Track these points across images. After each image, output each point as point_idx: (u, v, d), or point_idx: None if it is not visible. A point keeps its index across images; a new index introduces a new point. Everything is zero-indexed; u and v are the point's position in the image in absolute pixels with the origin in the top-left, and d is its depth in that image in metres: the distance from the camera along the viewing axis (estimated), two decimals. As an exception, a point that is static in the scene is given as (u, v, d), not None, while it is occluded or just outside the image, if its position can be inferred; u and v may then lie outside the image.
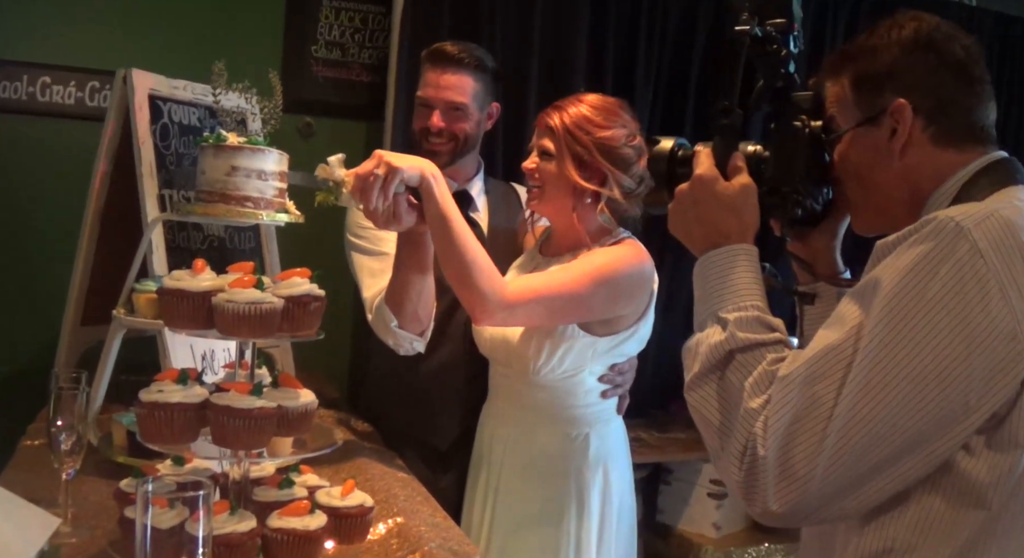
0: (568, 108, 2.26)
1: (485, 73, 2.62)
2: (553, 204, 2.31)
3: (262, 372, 1.67)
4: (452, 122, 2.58)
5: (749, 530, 3.22)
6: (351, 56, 3.48)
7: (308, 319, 1.59)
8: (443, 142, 2.59)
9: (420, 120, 2.61)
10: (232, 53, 2.25)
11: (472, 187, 2.71)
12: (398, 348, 2.36)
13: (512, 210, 2.74)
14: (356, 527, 1.64)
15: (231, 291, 1.50)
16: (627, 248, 2.27)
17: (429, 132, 2.58)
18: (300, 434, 1.64)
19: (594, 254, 2.23)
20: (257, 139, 1.90)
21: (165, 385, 1.53)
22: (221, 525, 1.43)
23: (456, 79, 2.56)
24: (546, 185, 2.28)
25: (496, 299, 2.07)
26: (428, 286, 2.27)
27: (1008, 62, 4.35)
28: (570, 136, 2.23)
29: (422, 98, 2.60)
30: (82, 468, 1.85)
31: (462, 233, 2.03)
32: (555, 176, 2.26)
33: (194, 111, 2.61)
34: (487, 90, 2.65)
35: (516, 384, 2.36)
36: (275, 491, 1.62)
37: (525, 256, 2.51)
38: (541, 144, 2.29)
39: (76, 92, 3.12)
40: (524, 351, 2.27)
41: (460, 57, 2.56)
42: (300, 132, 3.36)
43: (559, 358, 2.26)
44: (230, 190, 1.85)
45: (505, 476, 2.37)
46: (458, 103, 2.57)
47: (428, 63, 2.60)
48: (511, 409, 2.38)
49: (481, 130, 2.69)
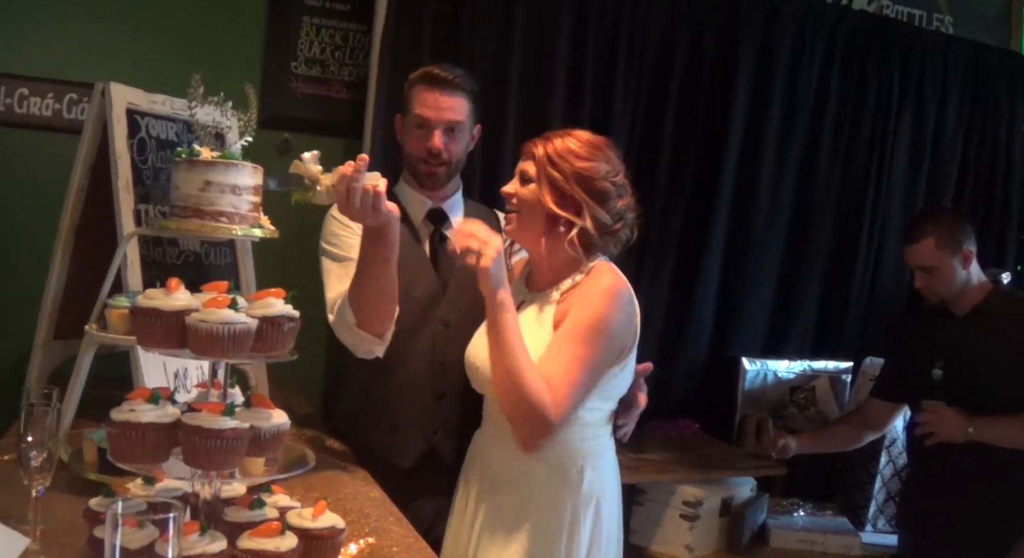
0: (554, 139, 2.29)
1: (474, 95, 2.69)
2: (527, 231, 2.33)
3: (235, 391, 1.66)
4: (450, 143, 2.63)
5: (721, 552, 3.22)
6: (331, 73, 3.48)
7: (282, 339, 1.58)
8: (439, 163, 2.64)
9: (417, 142, 2.65)
10: (212, 69, 2.24)
11: (448, 206, 2.73)
12: (356, 349, 2.42)
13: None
14: (327, 549, 1.63)
15: (205, 311, 1.49)
16: (606, 283, 2.25)
17: (429, 154, 2.63)
18: (272, 455, 1.63)
19: (580, 304, 2.22)
20: (231, 153, 1.89)
21: (137, 404, 1.52)
22: (191, 546, 1.42)
23: (454, 101, 2.62)
24: (522, 209, 2.31)
25: (550, 422, 2.12)
26: (390, 286, 2.32)
27: (982, 91, 4.38)
28: (550, 162, 2.26)
29: (420, 118, 2.62)
30: (53, 484, 1.82)
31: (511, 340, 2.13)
32: (531, 202, 2.28)
33: (172, 126, 2.61)
34: (476, 112, 2.72)
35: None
36: (246, 512, 1.61)
37: (512, 289, 2.47)
38: (522, 169, 2.32)
39: (54, 104, 3.11)
40: None
41: (457, 81, 2.63)
42: (278, 148, 3.35)
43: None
44: (204, 205, 1.84)
45: (494, 505, 2.34)
46: (457, 123, 2.63)
47: (423, 85, 2.63)
48: (505, 442, 2.32)
49: (467, 152, 2.75)
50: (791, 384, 3.89)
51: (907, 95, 4.18)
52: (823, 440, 3.53)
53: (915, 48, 4.18)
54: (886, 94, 4.13)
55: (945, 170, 4.32)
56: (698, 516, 3.10)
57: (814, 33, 3.97)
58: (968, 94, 4.35)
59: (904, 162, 4.21)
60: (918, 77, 4.19)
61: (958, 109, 4.32)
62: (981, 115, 4.40)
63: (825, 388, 3.91)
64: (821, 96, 4.02)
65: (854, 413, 3.58)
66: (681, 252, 3.81)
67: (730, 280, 3.90)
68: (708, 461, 3.34)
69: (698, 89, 3.79)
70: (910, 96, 4.18)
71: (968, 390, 3.08)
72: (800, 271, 4.05)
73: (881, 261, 4.20)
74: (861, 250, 4.14)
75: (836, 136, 4.07)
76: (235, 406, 1.53)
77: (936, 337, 3.22)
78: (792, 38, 3.92)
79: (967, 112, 4.36)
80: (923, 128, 4.23)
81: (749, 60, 3.83)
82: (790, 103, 3.95)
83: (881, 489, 3.64)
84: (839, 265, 4.14)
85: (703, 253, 3.83)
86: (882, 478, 3.63)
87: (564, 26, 3.52)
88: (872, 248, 4.17)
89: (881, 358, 3.65)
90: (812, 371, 3.93)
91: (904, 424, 3.51)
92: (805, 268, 4.06)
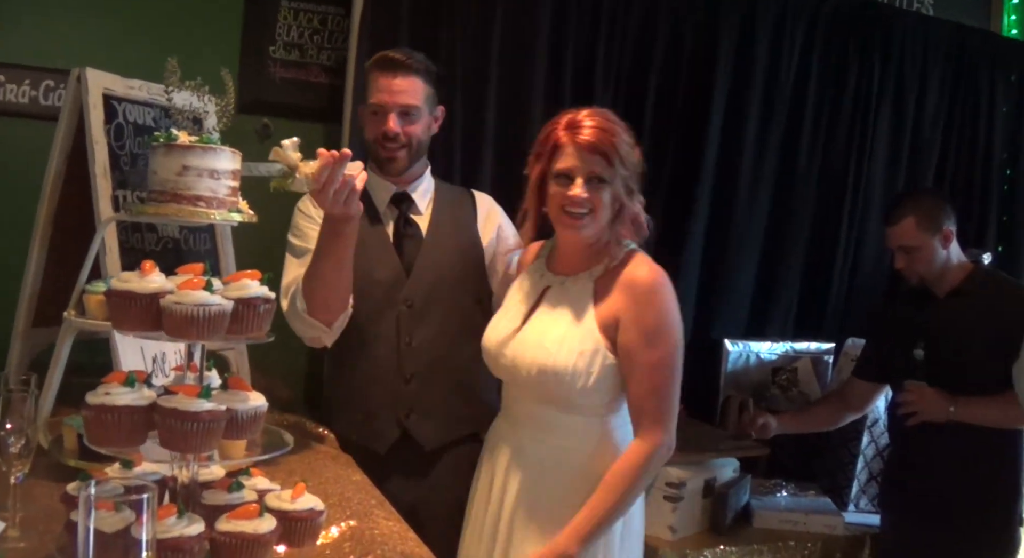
0: (601, 127, 2.25)
1: (431, 77, 2.67)
2: (596, 226, 2.28)
3: (211, 374, 1.65)
4: (406, 126, 2.62)
5: (705, 533, 3.22)
6: (310, 57, 3.47)
7: (258, 321, 1.58)
8: (398, 147, 2.63)
9: (373, 127, 2.65)
10: (190, 54, 2.24)
11: (414, 189, 2.72)
12: (304, 336, 2.48)
13: (462, 215, 2.76)
14: (307, 531, 1.63)
15: (179, 293, 1.49)
16: (655, 275, 2.27)
17: (385, 138, 2.61)
18: (250, 437, 1.63)
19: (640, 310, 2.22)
20: (209, 138, 1.88)
21: (112, 387, 1.51)
22: (169, 529, 1.42)
23: (408, 83, 2.60)
24: (597, 210, 2.25)
25: (669, 448, 2.23)
26: (344, 276, 2.37)
27: (963, 72, 4.39)
28: (620, 161, 2.24)
29: (375, 105, 2.63)
30: (33, 471, 1.83)
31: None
32: (606, 202, 2.25)
33: (149, 111, 2.59)
34: (434, 94, 2.70)
35: (543, 410, 2.32)
36: (224, 495, 1.61)
37: (530, 273, 2.46)
38: (592, 171, 2.23)
39: (30, 91, 3.09)
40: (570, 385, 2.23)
41: (409, 62, 2.61)
42: (258, 133, 3.34)
43: (603, 391, 2.26)
44: (181, 190, 1.83)
45: (527, 493, 2.31)
46: (411, 106, 2.61)
47: (377, 70, 2.63)
48: (531, 429, 2.34)
49: (430, 134, 2.73)
50: (773, 365, 3.90)
51: (888, 77, 4.18)
52: (804, 420, 3.55)
53: (895, 30, 4.18)
54: (867, 76, 4.13)
55: (926, 152, 4.33)
56: (681, 497, 3.10)
57: (795, 16, 3.97)
58: (949, 75, 4.35)
59: (885, 144, 4.22)
60: (899, 59, 4.19)
61: (939, 91, 4.32)
62: (962, 96, 4.41)
63: (807, 369, 3.92)
64: (802, 79, 4.02)
65: (835, 394, 3.60)
66: (663, 236, 3.81)
67: (712, 263, 3.91)
68: (691, 443, 3.34)
69: (679, 73, 3.79)
70: (891, 78, 4.19)
71: (949, 370, 3.10)
72: (782, 253, 4.06)
73: (862, 243, 4.21)
74: (842, 232, 4.15)
75: (817, 119, 4.08)
76: (211, 388, 1.52)
77: (917, 318, 3.23)
78: (773, 21, 3.92)
79: (948, 94, 4.36)
80: (904, 110, 4.23)
81: (729, 45, 3.83)
82: (771, 87, 3.95)
83: (863, 469, 3.66)
84: (821, 247, 4.15)
85: (685, 237, 3.83)
86: (864, 458, 3.65)
87: (544, 10, 3.51)
88: (853, 230, 4.18)
89: (863, 339, 3.66)
90: (794, 352, 3.94)
91: (886, 404, 3.52)
92: (787, 250, 4.07)
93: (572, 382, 2.22)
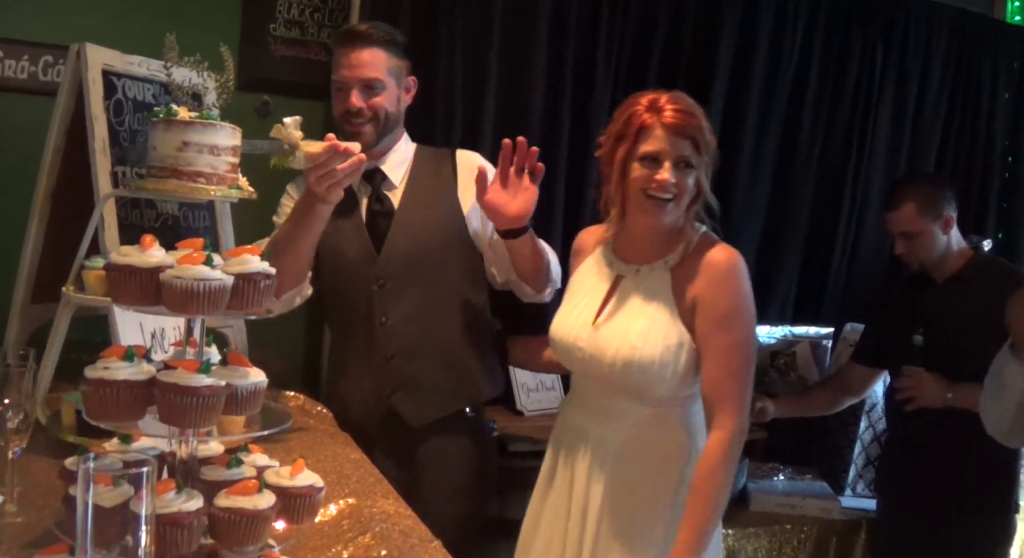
0: (687, 110, 2.18)
1: (395, 46, 2.58)
2: (677, 212, 2.23)
3: (211, 350, 1.65)
4: (370, 99, 2.54)
5: (702, 516, 3.24)
6: (310, 35, 3.44)
7: (258, 297, 1.57)
8: (363, 122, 2.55)
9: (339, 104, 2.57)
10: (190, 30, 2.24)
11: (384, 162, 2.64)
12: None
13: (440, 183, 2.66)
14: (305, 507, 1.62)
15: (179, 267, 1.48)
16: (732, 258, 2.22)
17: (349, 114, 2.54)
18: (249, 413, 1.63)
19: (717, 292, 2.18)
20: (209, 114, 1.88)
21: (111, 362, 1.50)
22: (167, 504, 1.41)
23: (368, 55, 2.52)
24: (681, 195, 2.19)
25: (744, 432, 2.17)
26: (306, 252, 2.39)
27: (966, 57, 4.37)
28: (705, 145, 2.18)
29: (337, 81, 2.56)
30: (31, 447, 1.83)
31: None
32: (689, 187, 2.20)
33: (149, 87, 2.58)
34: (401, 64, 2.60)
35: (622, 402, 2.27)
36: (223, 470, 1.60)
37: (597, 262, 2.40)
38: (681, 155, 2.16)
39: (29, 66, 3.07)
40: (657, 377, 2.19)
41: (369, 33, 2.54)
42: (257, 111, 3.32)
43: (687, 382, 2.23)
44: (181, 165, 1.83)
45: (610, 481, 2.25)
46: (373, 79, 2.53)
47: (337, 45, 2.58)
48: (606, 418, 2.29)
49: (402, 106, 2.64)
50: (772, 349, 3.90)
51: (890, 63, 4.17)
52: (802, 404, 3.55)
53: (898, 15, 4.17)
54: (869, 61, 4.12)
55: (927, 138, 4.32)
56: (679, 480, 3.11)
57: (796, 15, 3.96)
58: (952, 61, 4.34)
59: (886, 129, 4.21)
60: (901, 44, 4.18)
61: (941, 76, 4.31)
62: (964, 83, 4.39)
63: (806, 353, 3.92)
64: (804, 62, 4.01)
65: (834, 378, 3.60)
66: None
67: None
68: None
69: (680, 55, 3.78)
70: (893, 63, 4.17)
71: (948, 356, 3.09)
72: (782, 238, 4.06)
73: (862, 228, 4.21)
74: (842, 217, 4.15)
75: (818, 103, 4.07)
76: (211, 364, 1.52)
77: (916, 303, 3.23)
78: (775, 4, 3.90)
79: (950, 79, 4.35)
80: (906, 95, 4.22)
81: (732, 27, 3.82)
82: (773, 70, 3.94)
83: (860, 454, 3.66)
84: (821, 232, 4.15)
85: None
86: (862, 443, 3.65)
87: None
88: (853, 215, 4.18)
89: (862, 324, 3.66)
90: (793, 336, 3.95)
91: (884, 389, 3.53)
92: (787, 235, 4.06)
93: (659, 374, 2.18)
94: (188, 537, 1.43)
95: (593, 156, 3.48)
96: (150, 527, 1.21)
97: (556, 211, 3.56)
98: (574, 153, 3.61)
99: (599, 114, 3.56)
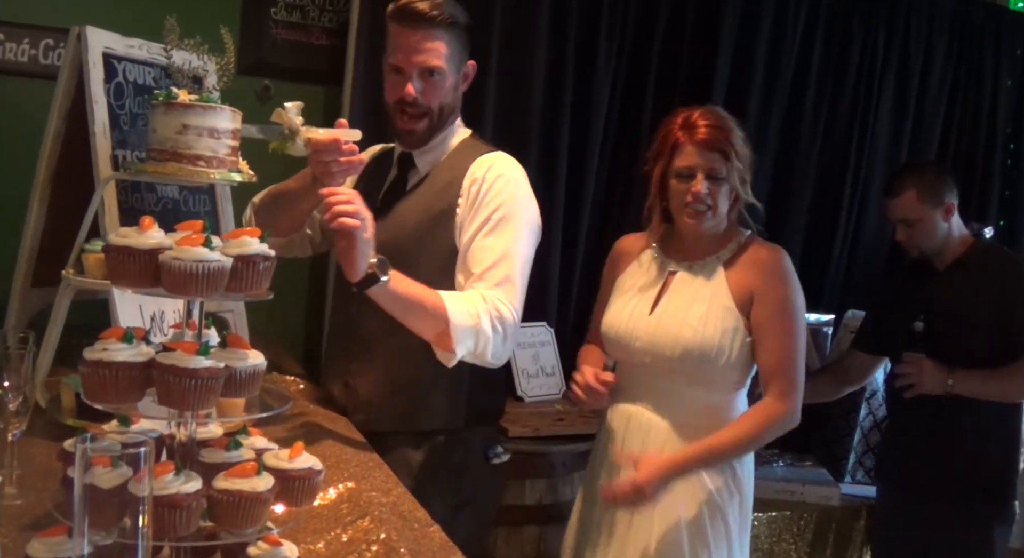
0: (717, 124, 2.39)
1: (459, 30, 2.36)
2: (719, 218, 2.42)
3: (210, 332, 1.64)
4: (427, 88, 2.34)
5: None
6: (311, 19, 3.44)
7: (257, 279, 1.56)
8: (418, 114, 2.36)
9: (393, 90, 2.37)
10: (190, 14, 2.23)
11: (419, 154, 2.46)
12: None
13: (451, 189, 2.39)
14: (304, 490, 1.62)
15: (178, 249, 1.47)
16: (779, 253, 2.48)
17: (404, 103, 2.34)
18: (248, 395, 1.62)
19: (772, 284, 2.41)
20: (210, 96, 1.87)
21: (110, 343, 1.50)
22: (166, 486, 1.41)
23: (431, 41, 2.30)
24: (716, 205, 2.40)
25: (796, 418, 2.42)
26: (299, 216, 2.44)
27: (968, 46, 4.36)
28: (736, 155, 2.38)
29: (393, 65, 2.35)
30: (31, 430, 1.83)
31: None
32: (724, 195, 2.40)
33: (150, 71, 2.57)
34: (463, 49, 2.40)
35: (679, 388, 2.43)
36: (222, 452, 1.60)
37: (646, 262, 2.56)
38: (712, 168, 2.37)
39: (30, 49, 3.07)
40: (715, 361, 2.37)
41: (432, 15, 2.29)
42: (258, 95, 3.33)
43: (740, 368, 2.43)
44: (181, 149, 1.82)
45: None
46: (433, 67, 2.32)
47: (396, 24, 2.33)
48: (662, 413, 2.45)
49: (459, 95, 2.46)
50: (773, 336, 3.89)
51: (892, 49, 4.16)
52: (803, 391, 3.54)
53: (900, 2, 4.15)
54: (871, 49, 4.12)
55: (929, 125, 4.32)
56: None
57: (797, 7, 3.96)
58: (953, 49, 4.34)
59: (888, 117, 4.21)
60: (903, 31, 4.18)
61: (943, 64, 4.31)
62: (966, 70, 4.40)
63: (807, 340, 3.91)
64: (806, 51, 4.01)
65: (834, 365, 3.60)
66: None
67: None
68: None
69: (681, 45, 3.77)
70: (895, 50, 4.17)
71: (948, 343, 3.09)
72: (783, 225, 4.04)
73: (864, 215, 4.21)
74: (844, 204, 4.15)
75: (820, 92, 4.08)
76: (210, 346, 1.51)
77: (917, 290, 3.23)
78: (773, 14, 3.91)
79: (952, 67, 4.35)
80: (908, 83, 4.22)
81: (733, 17, 3.82)
82: (774, 58, 3.94)
83: (860, 441, 3.67)
84: (822, 219, 4.15)
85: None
86: (862, 430, 3.65)
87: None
88: (855, 202, 4.19)
89: (862, 311, 3.65)
90: (794, 324, 3.94)
91: (884, 376, 3.52)
92: (788, 221, 4.06)
93: (717, 358, 2.36)
94: (186, 519, 1.43)
95: (593, 151, 3.53)
96: (148, 508, 1.21)
97: (557, 206, 3.56)
98: (574, 150, 3.64)
99: (600, 106, 3.57)
